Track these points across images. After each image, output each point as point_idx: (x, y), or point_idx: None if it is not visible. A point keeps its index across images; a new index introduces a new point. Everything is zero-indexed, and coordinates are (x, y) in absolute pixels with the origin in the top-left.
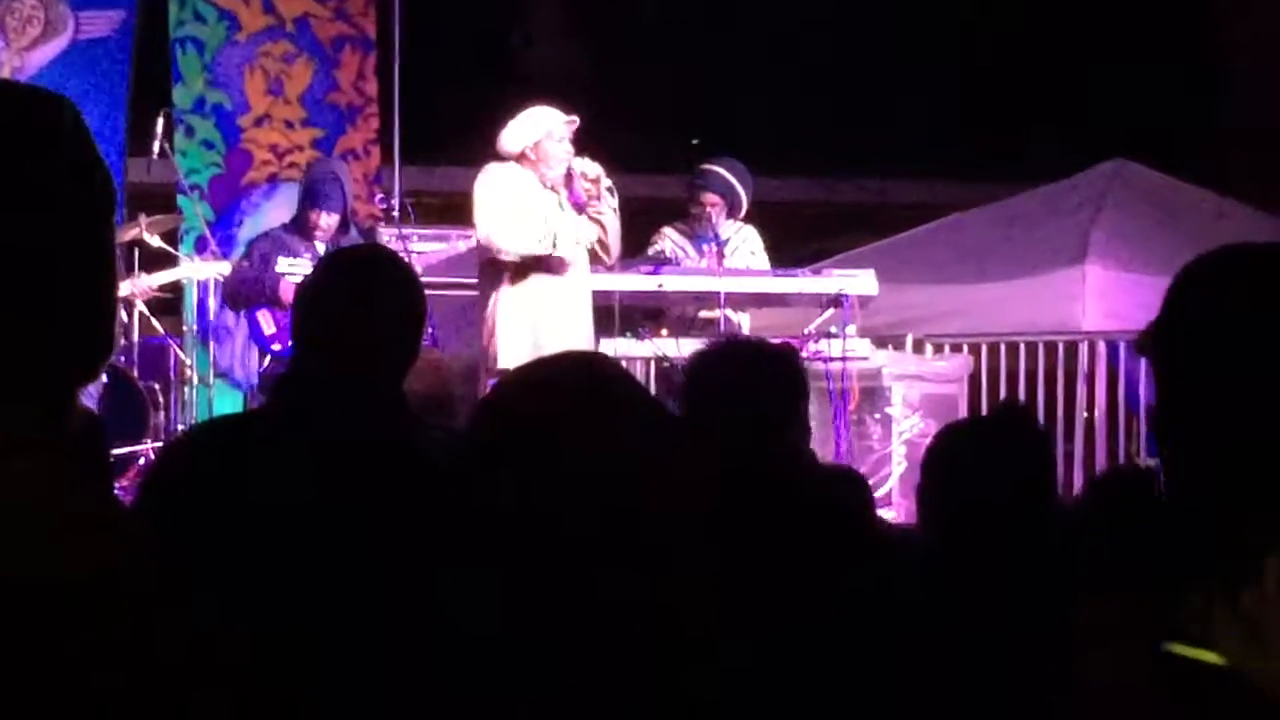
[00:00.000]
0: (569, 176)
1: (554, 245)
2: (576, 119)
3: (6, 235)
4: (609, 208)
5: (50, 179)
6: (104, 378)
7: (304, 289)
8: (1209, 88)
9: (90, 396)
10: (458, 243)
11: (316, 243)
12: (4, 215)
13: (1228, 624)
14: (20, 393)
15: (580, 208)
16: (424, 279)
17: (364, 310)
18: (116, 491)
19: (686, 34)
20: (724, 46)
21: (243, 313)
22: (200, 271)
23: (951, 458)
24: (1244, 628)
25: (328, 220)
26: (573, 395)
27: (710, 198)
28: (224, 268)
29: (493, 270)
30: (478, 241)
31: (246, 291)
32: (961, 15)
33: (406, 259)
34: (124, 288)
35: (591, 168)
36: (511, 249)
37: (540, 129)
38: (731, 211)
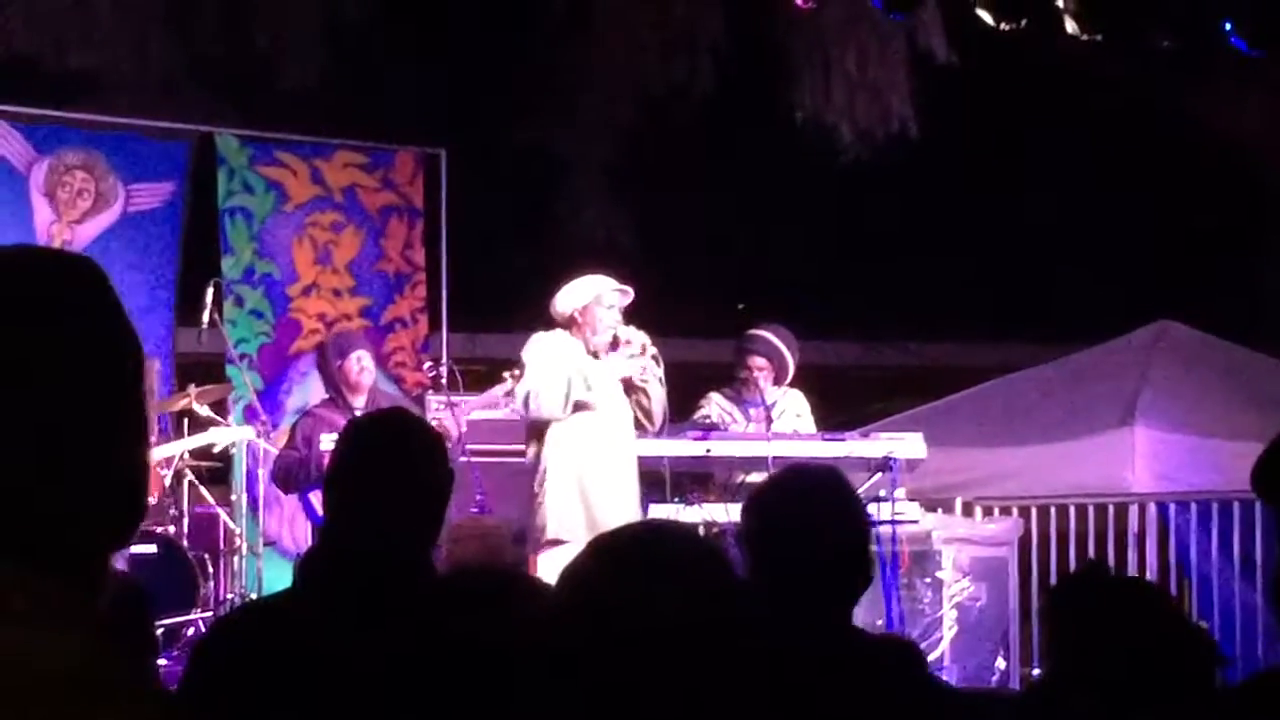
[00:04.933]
0: (614, 344)
1: (589, 394)
2: (630, 290)
3: (15, 409)
4: (653, 376)
5: (61, 349)
6: (154, 547)
7: (329, 461)
8: (1250, 248)
9: (138, 565)
10: (505, 409)
11: (357, 414)
12: (9, 389)
13: None
14: (43, 565)
15: (625, 377)
16: (472, 445)
17: (377, 481)
18: (162, 660)
19: (729, 201)
20: (768, 213)
21: (295, 495)
22: (228, 436)
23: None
24: None
25: (362, 363)
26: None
27: (757, 362)
28: (249, 432)
29: (540, 438)
30: (519, 401)
31: (295, 474)
32: (1000, 180)
33: (455, 426)
34: None
35: (636, 336)
36: (546, 407)
37: (590, 293)
38: (778, 376)
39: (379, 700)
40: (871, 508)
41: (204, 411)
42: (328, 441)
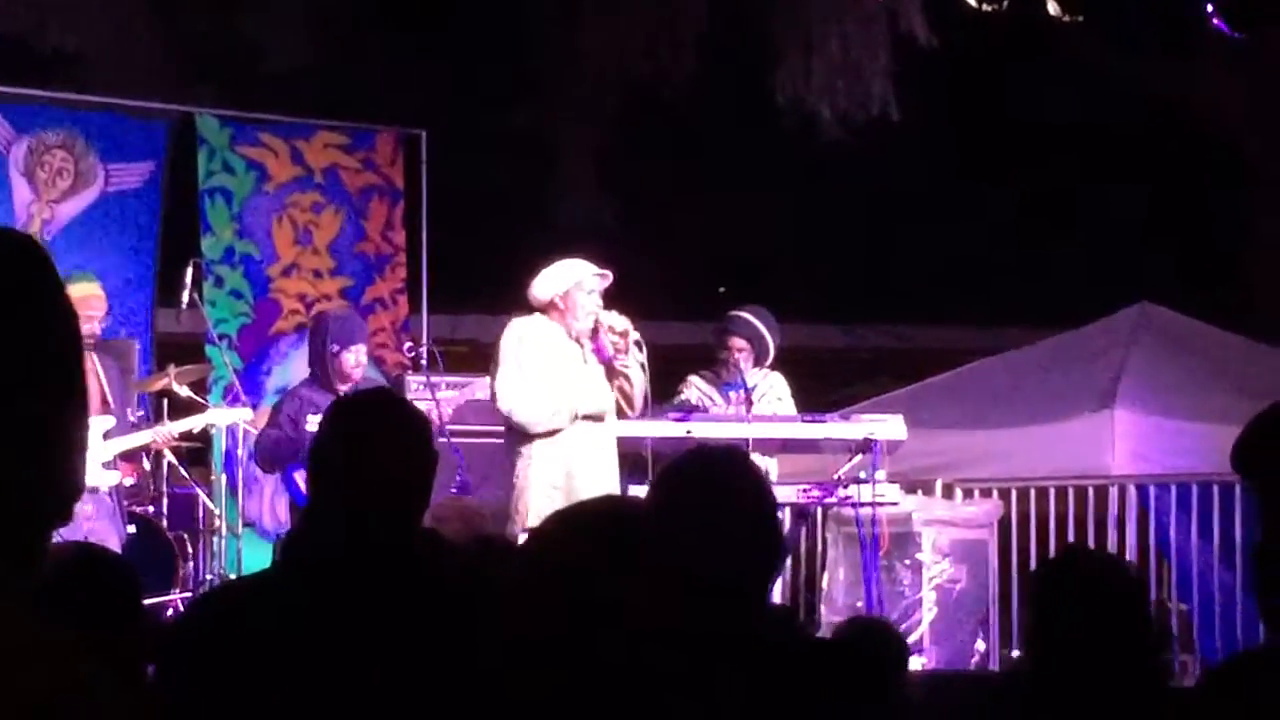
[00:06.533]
0: (596, 329)
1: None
2: (610, 274)
3: None
4: (635, 361)
5: (3, 326)
6: (133, 528)
7: (313, 441)
8: (1233, 232)
9: (120, 546)
10: (485, 390)
11: (341, 391)
12: None
13: None
14: None
15: (607, 361)
16: (452, 426)
17: (360, 461)
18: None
19: (712, 184)
20: (750, 196)
21: (279, 475)
22: (226, 417)
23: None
24: None
25: (359, 357)
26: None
27: (737, 343)
28: (247, 414)
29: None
30: (495, 401)
31: (280, 453)
32: (980, 163)
33: (435, 407)
34: (146, 436)
35: (619, 321)
36: (531, 422)
37: (570, 279)
38: (758, 359)
39: (359, 681)
40: (852, 489)
41: (183, 392)
42: (314, 422)
